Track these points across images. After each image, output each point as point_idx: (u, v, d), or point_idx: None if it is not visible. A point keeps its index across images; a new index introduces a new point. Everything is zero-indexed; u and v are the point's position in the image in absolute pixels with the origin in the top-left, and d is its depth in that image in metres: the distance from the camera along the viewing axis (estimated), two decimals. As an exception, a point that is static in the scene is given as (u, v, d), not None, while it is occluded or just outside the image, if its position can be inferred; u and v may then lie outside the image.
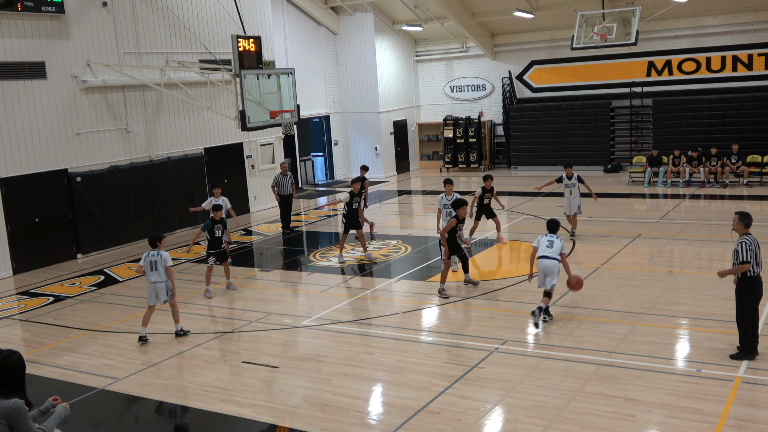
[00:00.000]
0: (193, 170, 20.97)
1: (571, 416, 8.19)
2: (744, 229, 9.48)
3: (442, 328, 11.74)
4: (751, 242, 9.30)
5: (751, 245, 9.27)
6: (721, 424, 7.82)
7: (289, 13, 26.42)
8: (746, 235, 9.40)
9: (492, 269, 15.13)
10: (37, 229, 17.26)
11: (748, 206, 20.02)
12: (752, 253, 9.24)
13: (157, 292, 11.49)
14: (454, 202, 13.45)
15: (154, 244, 11.54)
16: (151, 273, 11.46)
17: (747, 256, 9.22)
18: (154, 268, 11.44)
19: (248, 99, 16.88)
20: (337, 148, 29.60)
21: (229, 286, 14.53)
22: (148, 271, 11.49)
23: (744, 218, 9.51)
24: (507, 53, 29.20)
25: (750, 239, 9.32)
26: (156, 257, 11.43)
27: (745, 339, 9.46)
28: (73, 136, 17.98)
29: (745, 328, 9.45)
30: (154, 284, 11.48)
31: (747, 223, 9.48)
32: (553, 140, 27.70)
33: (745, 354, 9.44)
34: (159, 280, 11.46)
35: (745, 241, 9.29)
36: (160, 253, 11.46)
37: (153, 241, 11.57)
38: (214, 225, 14.12)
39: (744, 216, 9.53)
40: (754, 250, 9.26)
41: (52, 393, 9.04)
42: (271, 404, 9.15)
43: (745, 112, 24.39)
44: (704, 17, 25.09)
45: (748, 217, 9.51)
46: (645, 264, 14.54)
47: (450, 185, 15.29)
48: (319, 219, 22.07)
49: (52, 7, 17.18)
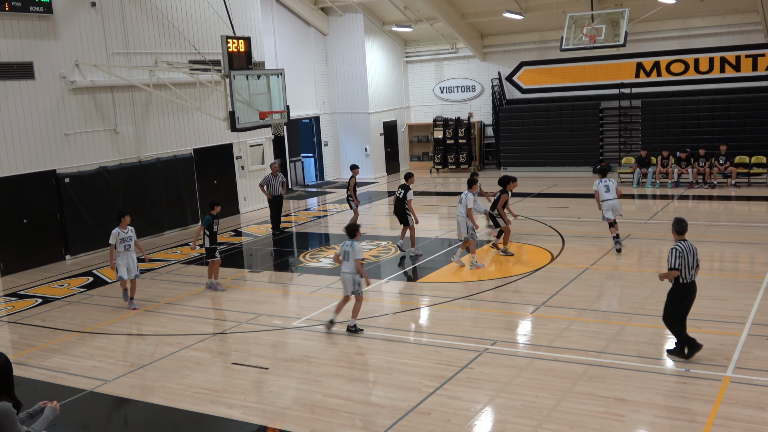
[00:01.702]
0: (182, 171, 20.90)
1: (561, 416, 8.22)
2: (677, 235, 9.50)
3: (431, 329, 11.75)
4: (683, 249, 9.29)
5: (683, 252, 9.26)
6: (710, 423, 7.86)
7: (278, 14, 26.38)
8: (680, 241, 9.41)
9: (482, 269, 15.14)
10: (25, 230, 17.16)
11: (736, 206, 20.17)
12: (683, 260, 9.25)
13: (345, 283, 11.42)
14: (502, 178, 15.97)
15: (352, 234, 11.41)
16: (344, 263, 11.37)
17: (675, 263, 9.25)
18: (346, 258, 11.33)
19: (238, 100, 16.84)
20: (327, 149, 29.58)
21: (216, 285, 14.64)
22: (343, 260, 11.39)
23: (676, 225, 9.53)
24: (496, 54, 29.26)
25: (682, 246, 9.32)
26: (348, 247, 11.30)
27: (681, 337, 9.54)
28: (61, 137, 17.89)
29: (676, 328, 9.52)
30: (343, 275, 11.43)
31: (679, 230, 9.49)
32: (542, 141, 27.78)
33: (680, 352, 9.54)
34: (347, 271, 11.33)
35: (676, 248, 9.31)
36: (353, 244, 11.30)
37: (351, 232, 11.45)
38: (213, 220, 14.53)
39: (677, 222, 9.54)
40: (685, 257, 9.26)
41: (40, 395, 8.99)
42: (260, 406, 9.13)
43: (733, 113, 24.54)
44: (692, 19, 25.25)
45: (681, 223, 9.52)
46: (634, 264, 14.61)
47: (475, 185, 15.55)
48: (309, 220, 22.05)
49: (40, 7, 17.09)
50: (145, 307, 13.67)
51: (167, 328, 12.37)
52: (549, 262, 14.95)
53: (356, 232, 11.42)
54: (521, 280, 13.94)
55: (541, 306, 12.19)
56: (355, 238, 11.36)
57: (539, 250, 16.07)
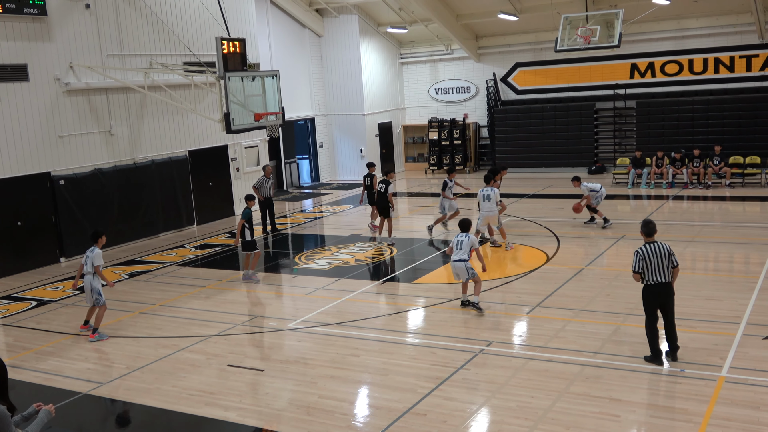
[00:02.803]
0: (177, 173, 20.87)
1: (557, 417, 8.22)
2: (646, 237, 9.54)
3: (427, 330, 11.75)
4: (646, 251, 9.34)
5: (644, 255, 9.33)
6: (705, 423, 7.88)
7: (273, 16, 26.37)
8: (648, 243, 9.45)
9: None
10: (20, 232, 17.11)
11: (731, 207, 20.21)
12: (644, 263, 9.32)
13: (458, 270, 12.17)
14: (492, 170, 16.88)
15: (465, 228, 12.35)
16: (456, 251, 12.16)
17: (636, 266, 9.39)
18: (458, 247, 12.16)
19: (233, 101, 16.82)
20: (323, 150, 29.57)
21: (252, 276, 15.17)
22: (455, 249, 12.19)
23: (644, 227, 9.58)
24: (491, 55, 29.29)
25: (646, 248, 9.37)
26: (464, 237, 12.19)
27: (652, 344, 9.55)
28: (56, 139, 17.85)
29: (651, 333, 9.53)
30: (454, 264, 12.18)
31: (648, 231, 9.53)
32: (537, 142, 27.81)
33: (653, 358, 9.53)
34: (458, 259, 12.08)
35: (638, 251, 9.41)
36: (468, 236, 12.22)
37: (464, 226, 12.39)
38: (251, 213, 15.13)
39: (644, 224, 9.59)
40: (648, 259, 9.30)
41: (35, 398, 8.96)
42: (256, 408, 9.12)
43: (727, 113, 24.61)
44: (686, 20, 25.32)
45: (648, 225, 9.57)
46: (629, 265, 14.55)
47: (495, 181, 16.57)
48: (305, 221, 22.04)
49: (34, 9, 17.05)
50: (140, 309, 13.65)
51: (163, 330, 12.35)
52: (544, 263, 14.97)
53: (469, 226, 12.46)
54: (516, 280, 13.95)
55: (536, 307, 12.20)
56: (468, 230, 12.35)
57: (534, 250, 16.09)
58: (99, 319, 12.18)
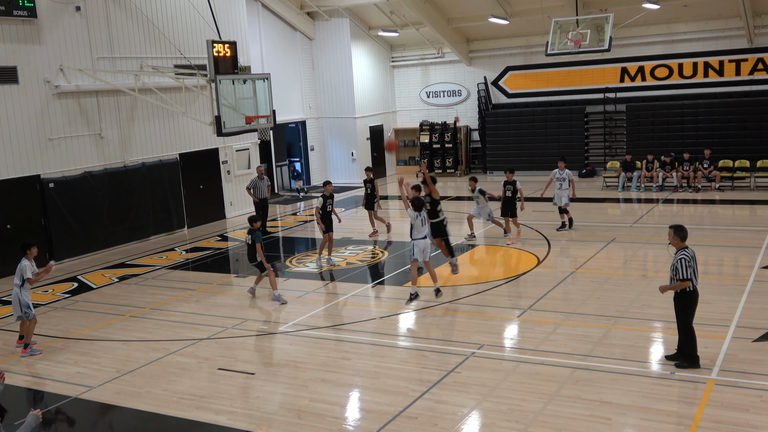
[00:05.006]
0: (168, 176, 20.80)
1: (548, 420, 8.23)
2: (681, 243, 9.32)
3: (418, 333, 11.75)
4: (690, 257, 9.17)
5: (690, 261, 9.15)
6: (695, 426, 7.90)
7: (264, 19, 26.34)
8: (684, 249, 9.27)
9: (468, 273, 15.15)
10: (9, 235, 16.98)
11: (720, 210, 20.31)
12: (691, 269, 9.13)
13: (424, 247, 13.09)
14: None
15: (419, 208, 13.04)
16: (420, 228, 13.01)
17: (686, 273, 9.11)
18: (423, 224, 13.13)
19: (224, 104, 16.79)
20: (314, 153, 29.55)
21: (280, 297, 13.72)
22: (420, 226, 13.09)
23: (679, 232, 9.32)
24: (482, 59, 29.36)
25: (688, 254, 9.20)
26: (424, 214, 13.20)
27: (689, 348, 9.41)
28: (45, 142, 17.76)
29: (692, 337, 9.40)
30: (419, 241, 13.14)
31: (683, 237, 9.32)
32: (528, 145, 27.86)
33: (691, 363, 9.39)
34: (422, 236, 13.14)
35: (684, 257, 9.15)
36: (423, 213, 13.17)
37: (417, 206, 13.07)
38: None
39: (679, 229, 9.33)
40: (693, 266, 9.16)
41: (24, 402, 8.91)
42: (247, 411, 9.09)
43: (717, 117, 24.72)
44: (676, 24, 25.45)
45: (683, 230, 9.34)
46: (619, 268, 14.67)
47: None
48: (296, 225, 22.00)
49: (24, 11, 16.97)
50: (130, 312, 13.59)
51: (153, 334, 12.30)
52: (535, 266, 15.00)
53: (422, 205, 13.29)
54: (507, 284, 13.96)
55: (527, 310, 12.22)
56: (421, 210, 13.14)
57: (525, 254, 16.12)
58: (30, 333, 11.68)
